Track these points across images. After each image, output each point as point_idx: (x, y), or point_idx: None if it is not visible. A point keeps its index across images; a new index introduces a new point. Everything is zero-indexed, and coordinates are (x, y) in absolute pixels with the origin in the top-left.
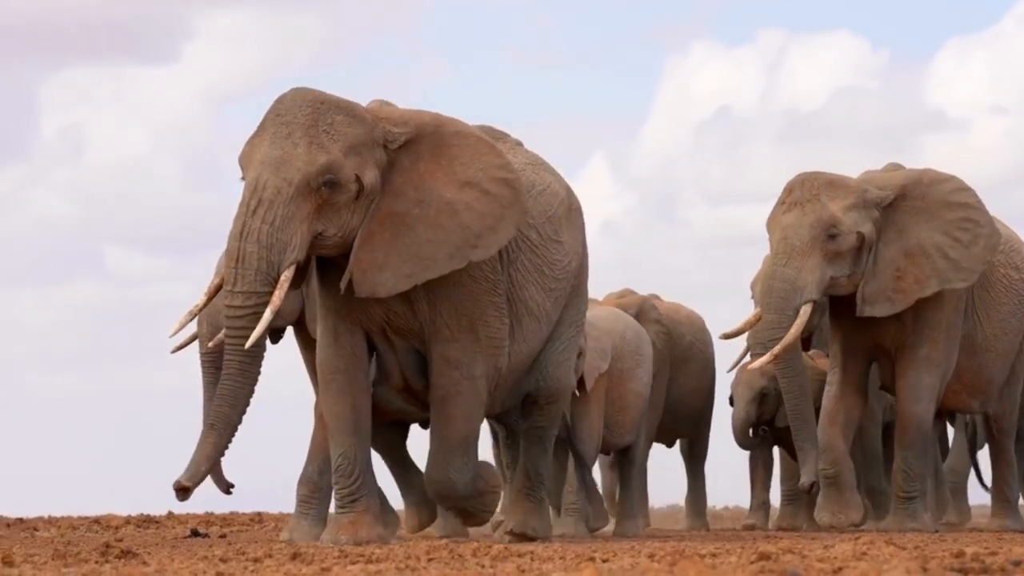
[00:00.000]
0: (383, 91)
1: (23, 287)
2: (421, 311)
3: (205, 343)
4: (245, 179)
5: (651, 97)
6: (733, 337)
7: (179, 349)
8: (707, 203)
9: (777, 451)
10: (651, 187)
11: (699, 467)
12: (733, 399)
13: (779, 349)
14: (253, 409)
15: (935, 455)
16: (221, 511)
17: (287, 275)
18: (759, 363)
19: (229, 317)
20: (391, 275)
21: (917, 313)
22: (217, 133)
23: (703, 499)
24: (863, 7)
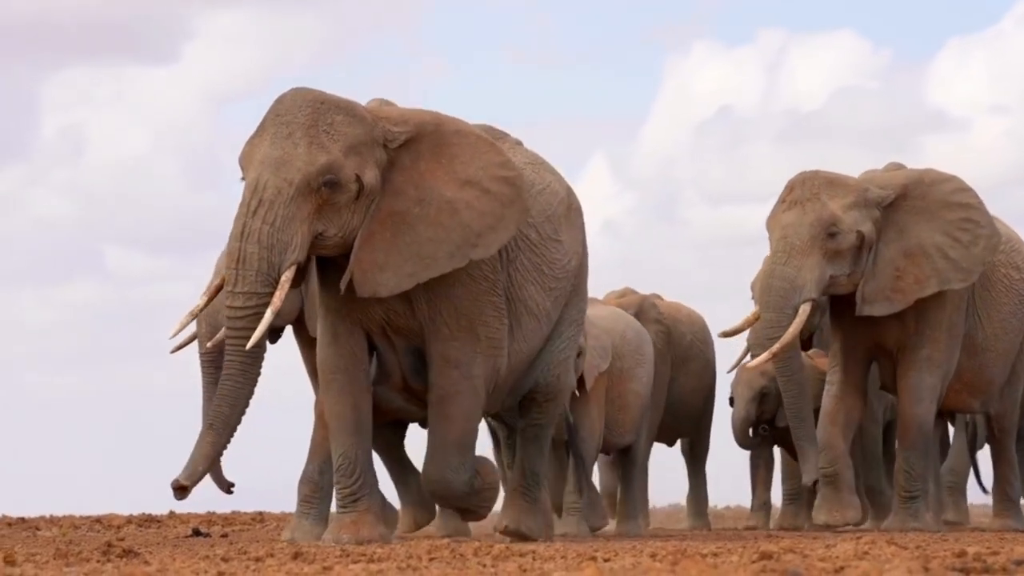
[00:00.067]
0: (383, 91)
1: (23, 287)
2: (420, 310)
3: (204, 343)
4: (245, 179)
5: (651, 97)
6: (732, 335)
7: (178, 349)
8: (707, 203)
9: (778, 451)
10: (651, 187)
11: (700, 467)
12: (733, 399)
13: (777, 347)
14: (254, 409)
15: (936, 455)
16: (223, 511)
17: (288, 276)
18: (758, 361)
19: (230, 318)
20: (392, 274)
21: (919, 313)
22: (217, 133)
23: (704, 498)
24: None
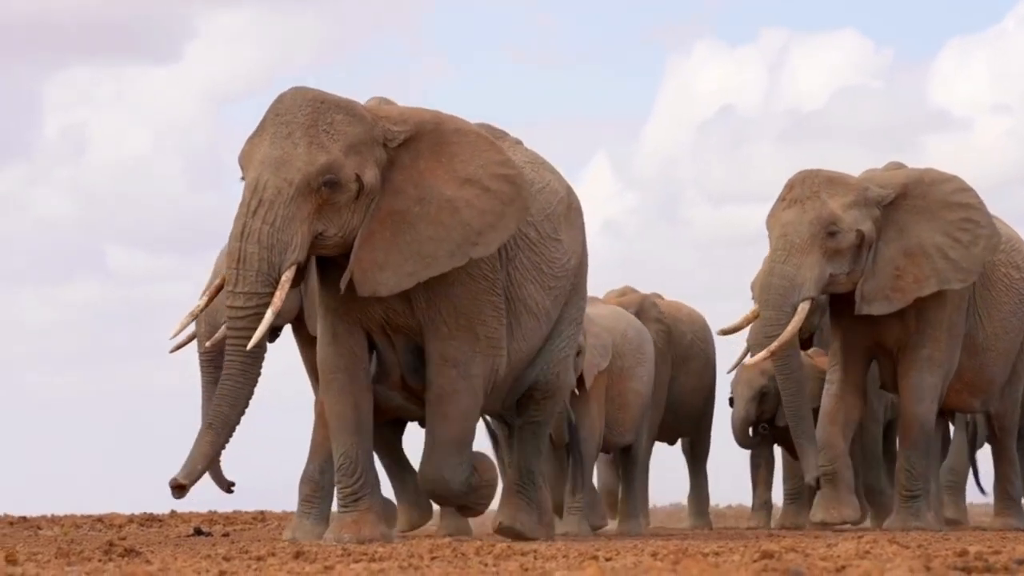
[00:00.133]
0: (384, 91)
1: (24, 286)
2: (420, 309)
3: (203, 343)
4: (245, 179)
5: (653, 97)
6: (731, 333)
7: (178, 349)
8: (709, 203)
9: (779, 450)
10: (653, 187)
11: (701, 466)
12: (733, 400)
13: (776, 345)
14: (256, 408)
15: (937, 455)
16: (224, 510)
17: (288, 275)
18: (757, 359)
19: (230, 318)
20: (392, 274)
21: (919, 312)
22: (218, 133)
23: (706, 498)
24: (865, 7)
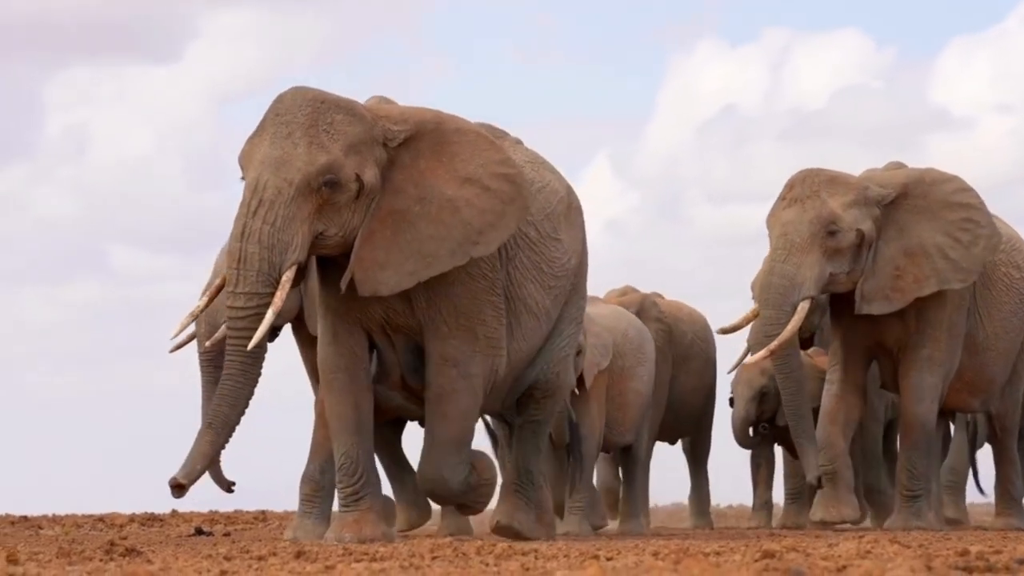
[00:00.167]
0: (384, 91)
1: (24, 286)
2: (420, 308)
3: (203, 343)
4: (245, 179)
5: (655, 96)
6: (731, 332)
7: (177, 349)
8: (711, 202)
9: (779, 450)
10: (655, 186)
11: (702, 465)
12: (733, 400)
13: (775, 344)
14: (257, 408)
15: (938, 454)
16: (225, 509)
17: (288, 276)
18: (756, 357)
19: (231, 318)
20: (393, 273)
21: (920, 312)
22: (219, 132)
23: (707, 497)
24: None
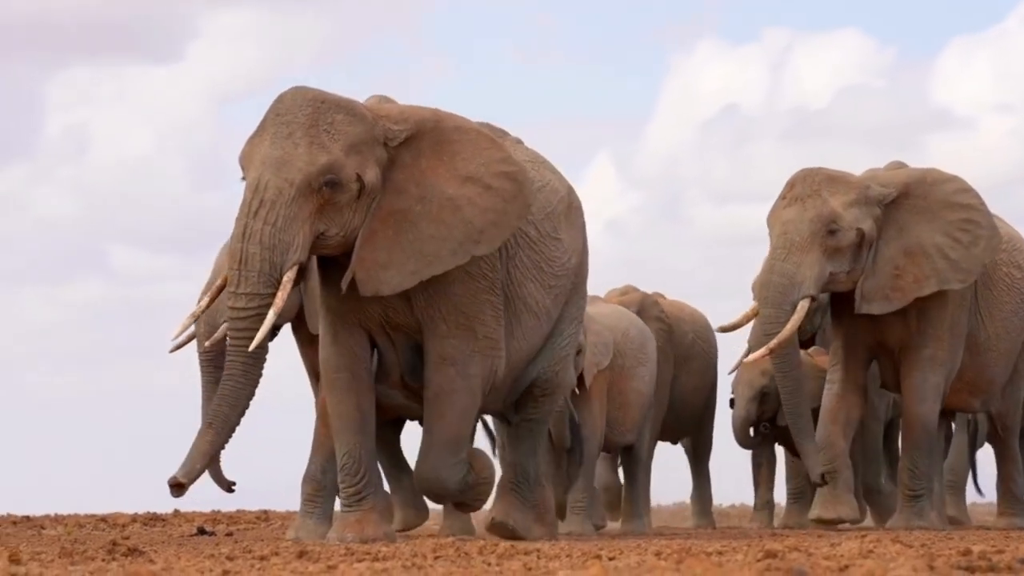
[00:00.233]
0: (384, 91)
1: (25, 286)
2: (419, 307)
3: (203, 343)
4: (246, 179)
5: (656, 96)
6: (731, 330)
7: (177, 349)
8: (712, 202)
9: (781, 450)
10: (656, 186)
11: (704, 465)
12: (733, 400)
13: (775, 343)
14: (258, 408)
15: (940, 454)
16: (227, 509)
17: (289, 276)
18: (755, 356)
19: (232, 319)
20: (395, 272)
21: (921, 312)
22: (220, 132)
23: (709, 497)
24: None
